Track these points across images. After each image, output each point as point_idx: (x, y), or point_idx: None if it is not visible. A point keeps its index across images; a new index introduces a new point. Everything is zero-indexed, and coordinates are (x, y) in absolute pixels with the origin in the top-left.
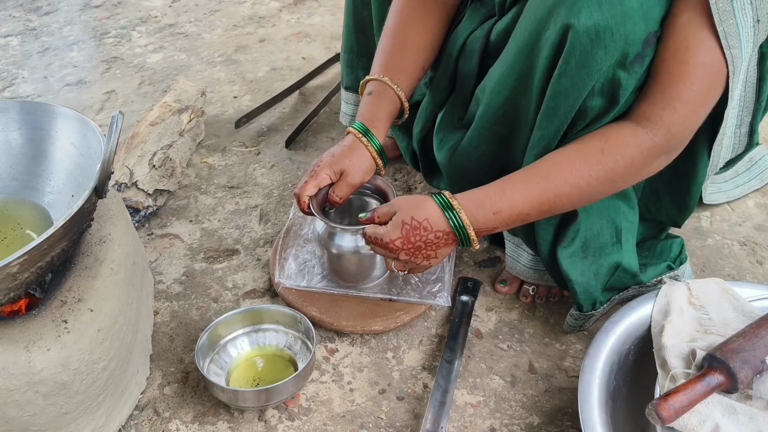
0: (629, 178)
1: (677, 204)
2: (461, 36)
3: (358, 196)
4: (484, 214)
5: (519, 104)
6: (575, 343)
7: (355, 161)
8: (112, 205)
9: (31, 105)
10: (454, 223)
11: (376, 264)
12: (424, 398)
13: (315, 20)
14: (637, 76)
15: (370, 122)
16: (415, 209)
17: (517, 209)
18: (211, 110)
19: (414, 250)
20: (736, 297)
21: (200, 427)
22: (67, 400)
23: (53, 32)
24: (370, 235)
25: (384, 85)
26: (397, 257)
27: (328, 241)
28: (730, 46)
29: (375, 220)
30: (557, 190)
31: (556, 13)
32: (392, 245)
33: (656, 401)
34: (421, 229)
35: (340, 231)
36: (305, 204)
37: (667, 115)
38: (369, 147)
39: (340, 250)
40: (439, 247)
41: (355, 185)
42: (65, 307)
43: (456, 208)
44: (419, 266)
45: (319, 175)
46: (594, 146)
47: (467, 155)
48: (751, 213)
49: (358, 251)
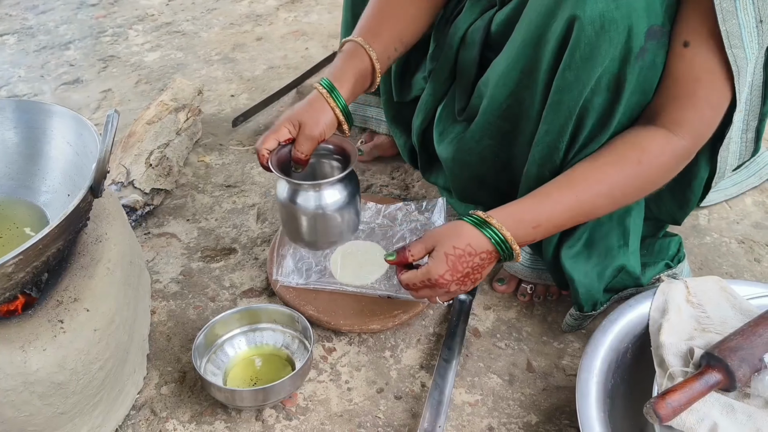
0: (659, 183)
1: (678, 201)
2: (461, 27)
3: (319, 159)
4: (525, 229)
5: (523, 98)
6: (573, 342)
7: (313, 114)
8: (108, 205)
9: (26, 104)
10: (495, 240)
11: (342, 223)
12: (422, 397)
13: (312, 18)
14: (640, 70)
15: (336, 78)
16: (453, 238)
17: (554, 222)
18: (208, 109)
19: (463, 278)
20: (734, 295)
21: (197, 426)
22: (64, 400)
23: (49, 31)
24: (408, 283)
25: (356, 45)
26: (449, 290)
27: (289, 201)
28: (732, 46)
29: (408, 259)
30: (593, 201)
31: (562, 4)
32: (442, 281)
33: (654, 400)
34: (466, 256)
35: (303, 188)
36: (264, 158)
37: (698, 120)
38: (330, 101)
39: (303, 209)
40: (484, 268)
41: (314, 138)
42: (61, 307)
43: (495, 226)
44: (465, 289)
45: (278, 128)
46: (631, 158)
47: (469, 149)
48: (749, 211)
49: (322, 209)
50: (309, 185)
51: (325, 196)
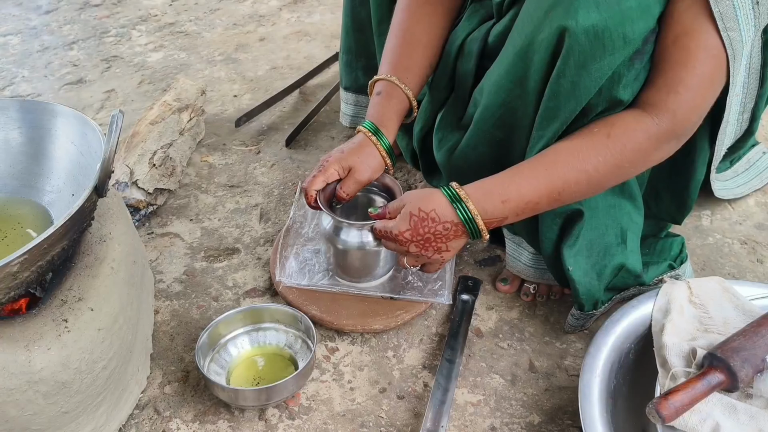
0: (638, 164)
1: (677, 201)
2: (459, 36)
3: (365, 194)
4: (493, 203)
5: (516, 107)
6: (575, 342)
7: (364, 159)
8: (112, 204)
9: (30, 104)
10: (462, 214)
11: (381, 260)
12: (424, 397)
13: (315, 19)
14: (636, 72)
15: (380, 122)
16: (422, 201)
17: (526, 197)
18: (211, 109)
19: (423, 242)
20: (736, 296)
21: (201, 426)
22: (68, 399)
23: (53, 31)
24: (379, 230)
25: (392, 84)
26: (408, 250)
27: (334, 236)
28: (727, 28)
29: (386, 216)
30: (565, 176)
31: (552, 15)
32: (401, 237)
33: (657, 400)
34: (429, 221)
35: (347, 226)
36: (312, 198)
37: (672, 101)
38: (379, 146)
39: (346, 245)
40: (449, 239)
41: (362, 182)
42: (65, 306)
43: (463, 198)
44: (432, 261)
45: (327, 170)
46: (600, 132)
47: (465, 156)
48: (752, 212)
49: (363, 247)
50: (352, 224)
51: (368, 235)
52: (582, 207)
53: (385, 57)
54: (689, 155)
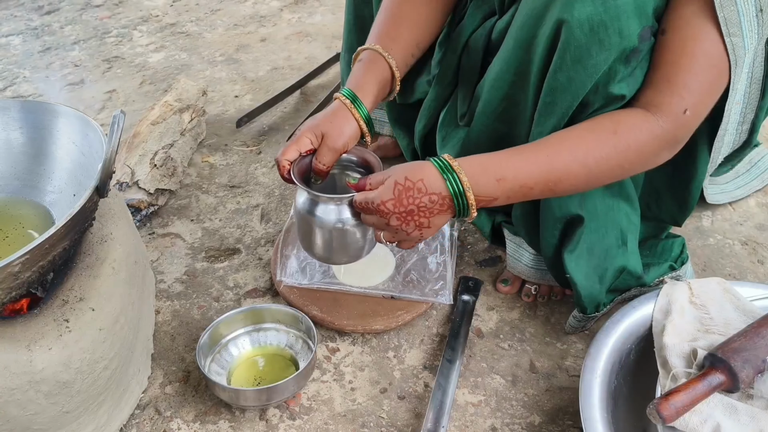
0: (637, 166)
1: (678, 202)
2: (465, 34)
3: (343, 171)
4: (486, 179)
5: (518, 101)
6: (576, 343)
7: (337, 124)
8: (113, 205)
9: (32, 104)
10: (451, 186)
11: (361, 239)
12: (425, 397)
13: (316, 19)
14: (633, 70)
15: (358, 88)
16: (410, 170)
17: (521, 180)
18: (212, 109)
19: (406, 214)
20: (737, 296)
21: (201, 426)
22: (69, 399)
23: (54, 32)
24: (360, 202)
25: (375, 53)
26: (388, 222)
27: (309, 214)
28: (730, 34)
29: (366, 187)
30: (566, 167)
31: (551, 8)
32: (383, 207)
33: (657, 400)
34: (415, 191)
35: (323, 201)
36: (285, 169)
37: (675, 104)
38: (353, 111)
39: (322, 222)
40: (433, 214)
41: (337, 149)
42: (67, 306)
43: (455, 169)
44: (410, 237)
45: (300, 139)
46: (606, 127)
47: (468, 152)
48: (753, 212)
49: (342, 224)
50: (330, 198)
51: (346, 211)
52: (582, 212)
53: (372, 30)
54: (690, 157)
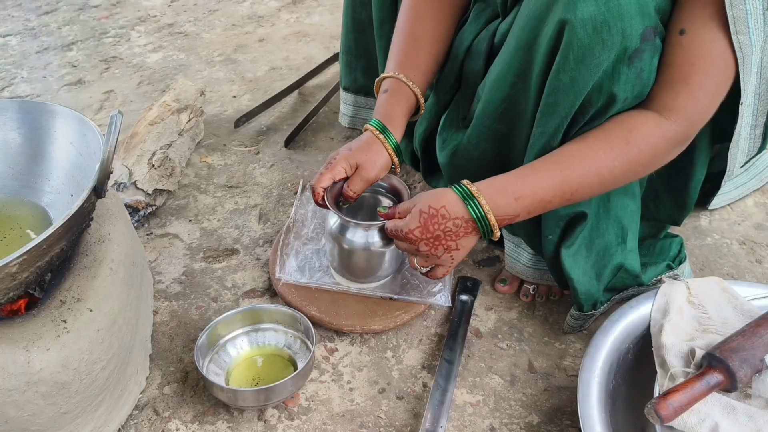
0: (650, 167)
1: (676, 202)
2: (467, 38)
3: (372, 194)
4: (506, 199)
5: (518, 101)
6: (574, 342)
7: (371, 156)
8: (111, 205)
9: (29, 104)
10: (473, 211)
11: (386, 261)
12: (423, 397)
13: (314, 20)
14: (638, 71)
15: (388, 120)
16: (433, 198)
17: (539, 196)
18: (210, 110)
19: (433, 240)
20: (735, 296)
21: (200, 426)
22: (67, 399)
23: (52, 32)
24: (390, 229)
25: (399, 82)
26: (418, 249)
27: (340, 235)
28: (738, 32)
29: (395, 216)
30: (581, 179)
31: (553, 9)
32: (411, 235)
33: (655, 400)
34: (439, 217)
35: (353, 225)
36: (320, 196)
37: (690, 106)
38: (386, 144)
39: (352, 245)
40: (459, 237)
41: (369, 180)
42: (64, 307)
43: (475, 194)
44: (442, 261)
45: (335, 167)
46: (618, 137)
47: (467, 154)
48: (750, 212)
49: (369, 247)
50: (360, 224)
51: (374, 236)
52: (586, 209)
53: (391, 55)
54: (689, 156)
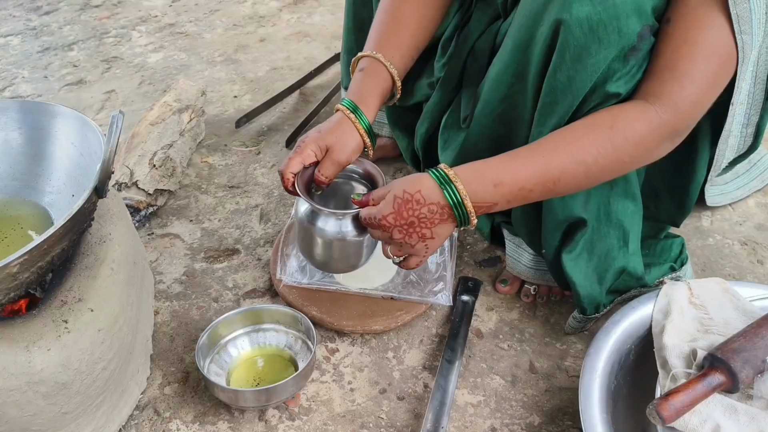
0: (638, 159)
1: (677, 203)
2: (470, 39)
3: (346, 181)
4: (484, 185)
5: (517, 102)
6: (576, 343)
7: (341, 137)
8: (112, 205)
9: (31, 105)
10: (449, 196)
11: (362, 251)
12: (424, 398)
13: (315, 20)
14: (632, 69)
15: (360, 99)
16: (408, 183)
17: (519, 183)
18: (211, 110)
19: (407, 226)
20: (736, 297)
21: (201, 427)
22: (67, 400)
23: (53, 32)
24: (364, 217)
25: (376, 61)
26: (391, 236)
27: (310, 225)
28: (741, 31)
29: (369, 203)
30: (563, 165)
31: (549, 8)
32: (384, 221)
33: (657, 401)
34: (413, 202)
35: (326, 214)
36: (289, 182)
37: (676, 93)
38: (357, 124)
39: (323, 234)
40: (434, 224)
41: (341, 163)
42: (65, 307)
43: (452, 178)
44: (416, 250)
45: (303, 151)
46: (603, 122)
47: (467, 154)
48: (752, 212)
49: (342, 237)
50: (333, 213)
51: (347, 224)
52: (585, 215)
53: (370, 35)
54: (690, 157)
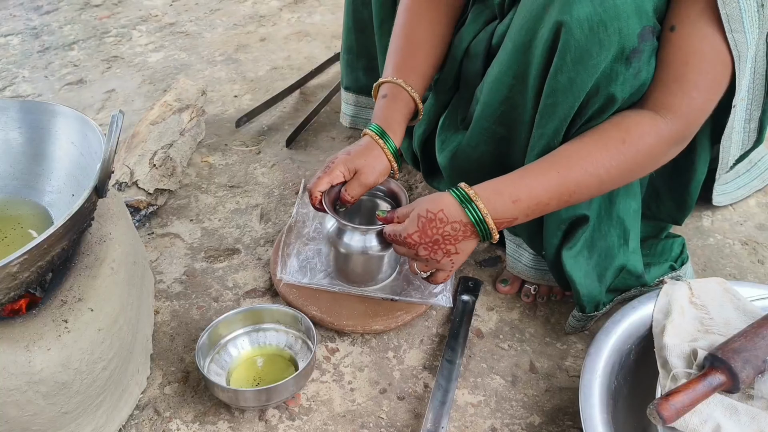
0: (648, 167)
1: (677, 202)
2: (465, 39)
3: (370, 198)
4: (503, 202)
5: (517, 103)
6: (576, 343)
7: (370, 161)
8: (112, 205)
9: (31, 104)
10: (471, 214)
11: (383, 266)
12: (424, 398)
13: (315, 19)
14: (635, 71)
15: (387, 125)
16: (431, 202)
17: (537, 198)
18: (211, 109)
19: (432, 244)
20: (737, 296)
21: (201, 426)
22: (68, 399)
23: (53, 31)
24: (389, 234)
25: (398, 87)
26: (417, 253)
27: (337, 239)
28: (732, 30)
29: (394, 220)
30: (578, 179)
31: (549, 10)
32: (410, 240)
33: (657, 401)
34: (437, 221)
35: (351, 229)
36: (317, 199)
37: (686, 105)
38: (385, 149)
39: (349, 249)
40: (458, 241)
41: (368, 185)
42: (65, 307)
43: (473, 197)
44: (442, 265)
45: (333, 171)
46: (615, 137)
47: (467, 156)
48: (753, 212)
49: (366, 251)
50: (357, 228)
51: (372, 239)
52: (588, 212)
53: (389, 59)
54: (690, 156)
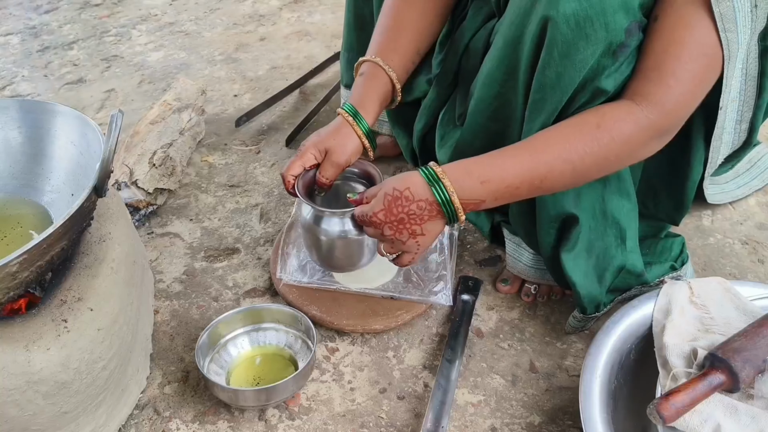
0: (624, 158)
1: (674, 201)
2: (466, 36)
3: (346, 183)
4: (471, 182)
5: (509, 99)
6: (576, 342)
7: (340, 140)
8: (111, 204)
9: (30, 103)
10: (438, 194)
11: (364, 250)
12: (424, 397)
13: (315, 18)
14: (621, 66)
15: (360, 103)
16: (398, 180)
17: (507, 181)
18: (211, 109)
19: (397, 223)
20: (737, 296)
21: (200, 426)
22: (67, 399)
23: (53, 31)
24: (358, 215)
25: (376, 66)
26: (383, 233)
27: (314, 225)
28: (725, 29)
29: (363, 201)
30: (550, 164)
31: (536, 5)
32: (375, 218)
33: (657, 401)
34: (403, 199)
35: (327, 215)
36: (290, 184)
37: (662, 92)
38: (356, 127)
39: (327, 234)
40: (423, 221)
41: (340, 164)
42: (65, 306)
43: (440, 175)
44: (407, 246)
45: (305, 154)
46: (590, 121)
47: (462, 152)
48: (753, 212)
49: (345, 236)
50: (333, 213)
51: (348, 223)
52: (577, 211)
53: (372, 39)
54: (685, 155)
